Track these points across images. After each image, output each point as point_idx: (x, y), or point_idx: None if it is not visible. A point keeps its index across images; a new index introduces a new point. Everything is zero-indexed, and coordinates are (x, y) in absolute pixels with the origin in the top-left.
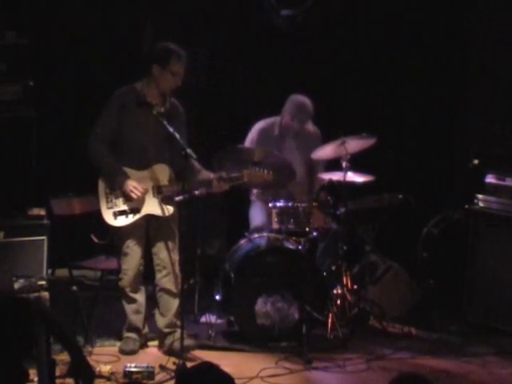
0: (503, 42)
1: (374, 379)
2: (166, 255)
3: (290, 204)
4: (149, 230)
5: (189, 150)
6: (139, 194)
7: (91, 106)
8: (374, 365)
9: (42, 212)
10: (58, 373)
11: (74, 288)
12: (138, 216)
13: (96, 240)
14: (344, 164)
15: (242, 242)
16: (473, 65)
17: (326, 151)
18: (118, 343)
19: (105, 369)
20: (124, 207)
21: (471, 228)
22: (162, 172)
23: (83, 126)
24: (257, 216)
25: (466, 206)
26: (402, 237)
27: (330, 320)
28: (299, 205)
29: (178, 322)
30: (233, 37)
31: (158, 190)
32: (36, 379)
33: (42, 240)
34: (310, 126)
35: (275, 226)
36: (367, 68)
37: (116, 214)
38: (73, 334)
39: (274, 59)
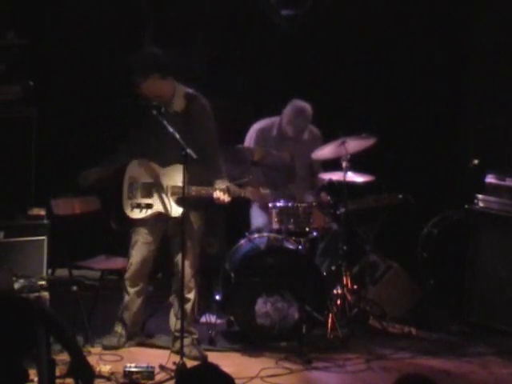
0: (504, 42)
1: (374, 379)
2: (178, 258)
3: (289, 204)
4: (167, 232)
5: (189, 150)
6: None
7: (91, 105)
8: (374, 365)
9: (42, 212)
10: (58, 373)
11: (74, 288)
12: (149, 212)
13: (114, 226)
14: (344, 164)
15: (242, 241)
16: (473, 65)
17: (325, 151)
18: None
19: (105, 369)
20: (140, 201)
21: (471, 228)
22: (179, 173)
23: (83, 126)
24: (257, 216)
25: (466, 206)
26: (402, 237)
27: (330, 320)
28: (299, 205)
29: (192, 329)
30: (233, 37)
31: (172, 191)
32: (36, 379)
33: (42, 240)
34: (307, 133)
35: (275, 226)
36: (367, 68)
37: (133, 206)
38: (73, 334)
39: (274, 59)
